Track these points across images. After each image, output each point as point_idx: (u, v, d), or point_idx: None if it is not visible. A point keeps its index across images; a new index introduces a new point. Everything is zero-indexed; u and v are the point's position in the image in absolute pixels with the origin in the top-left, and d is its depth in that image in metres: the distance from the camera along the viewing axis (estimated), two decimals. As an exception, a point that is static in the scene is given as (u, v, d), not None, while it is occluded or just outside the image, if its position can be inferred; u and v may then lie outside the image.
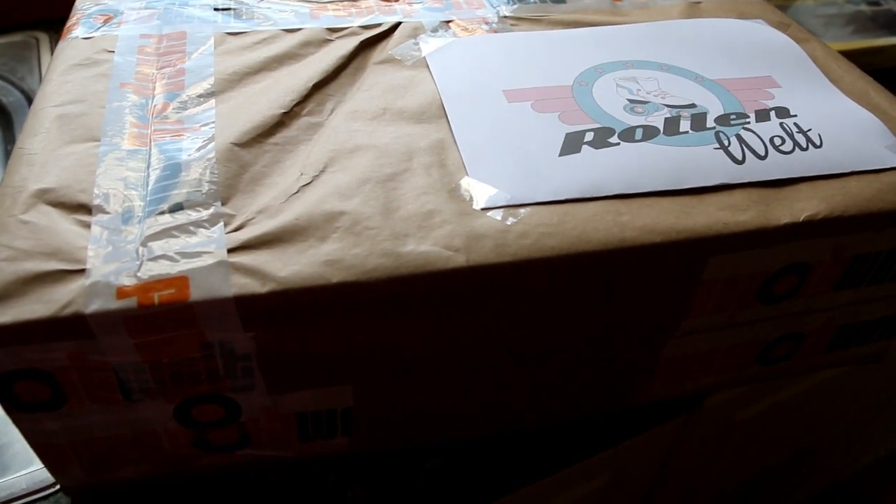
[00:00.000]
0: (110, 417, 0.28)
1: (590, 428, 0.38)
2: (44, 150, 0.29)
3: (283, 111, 0.32)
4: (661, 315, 0.31)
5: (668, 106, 0.34)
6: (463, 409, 0.33)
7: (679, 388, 0.36)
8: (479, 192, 0.29)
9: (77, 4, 0.40)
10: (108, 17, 0.38)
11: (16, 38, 0.59)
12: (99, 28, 0.38)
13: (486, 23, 0.40)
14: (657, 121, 0.33)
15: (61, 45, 0.36)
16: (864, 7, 0.66)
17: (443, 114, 0.33)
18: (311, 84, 0.34)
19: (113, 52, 0.35)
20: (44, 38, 0.58)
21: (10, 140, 0.52)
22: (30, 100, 0.53)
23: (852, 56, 0.60)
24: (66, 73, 0.34)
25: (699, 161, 0.31)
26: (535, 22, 0.41)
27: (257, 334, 0.26)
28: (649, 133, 0.32)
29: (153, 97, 0.33)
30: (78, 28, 0.38)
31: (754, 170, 0.31)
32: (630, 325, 0.31)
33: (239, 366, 0.27)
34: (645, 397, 0.36)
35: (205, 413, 0.29)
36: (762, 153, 0.32)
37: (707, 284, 0.30)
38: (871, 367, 0.65)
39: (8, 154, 0.52)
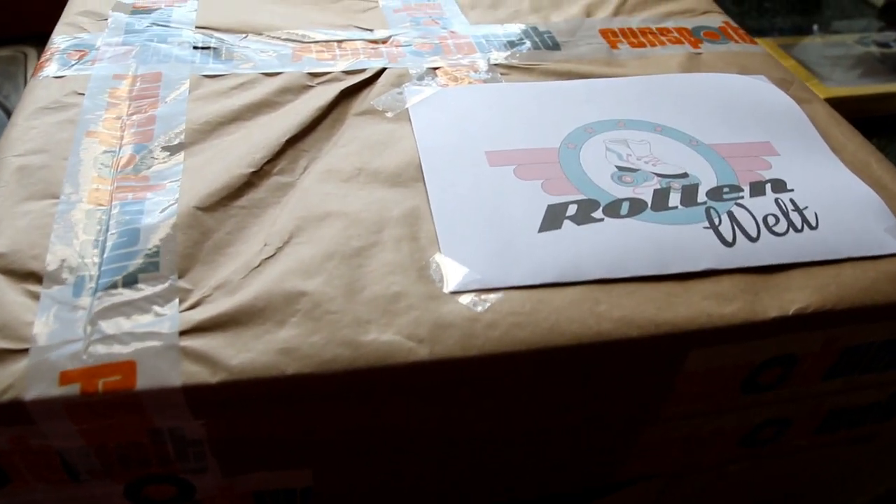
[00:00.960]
0: (57, 496, 0.27)
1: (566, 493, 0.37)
2: (0, 207, 0.28)
3: (252, 170, 0.31)
4: (638, 406, 0.30)
5: (659, 175, 0.33)
6: (430, 487, 0.32)
7: (659, 467, 0.35)
8: (451, 272, 0.27)
9: (53, 37, 0.39)
10: (83, 53, 0.37)
11: (3, 52, 0.57)
12: (73, 65, 0.36)
13: (476, 70, 0.39)
14: (646, 193, 0.32)
15: (32, 83, 0.35)
16: (873, 49, 0.64)
17: (420, 176, 0.32)
18: (284, 139, 0.32)
19: (83, 94, 0.34)
20: (32, 54, 0.57)
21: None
22: (13, 117, 0.52)
23: (858, 102, 0.59)
24: (32, 118, 0.33)
25: (687, 242, 0.30)
26: (527, 71, 0.40)
27: (208, 422, 0.25)
28: (636, 208, 0.31)
29: (120, 148, 0.31)
30: (51, 65, 0.36)
31: (744, 254, 0.30)
32: (604, 415, 0.30)
33: (190, 451, 0.26)
34: (623, 476, 0.35)
35: (158, 492, 0.28)
36: (754, 234, 0.30)
37: (687, 376, 0.29)
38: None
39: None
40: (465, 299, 0.27)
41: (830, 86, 0.62)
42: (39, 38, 0.59)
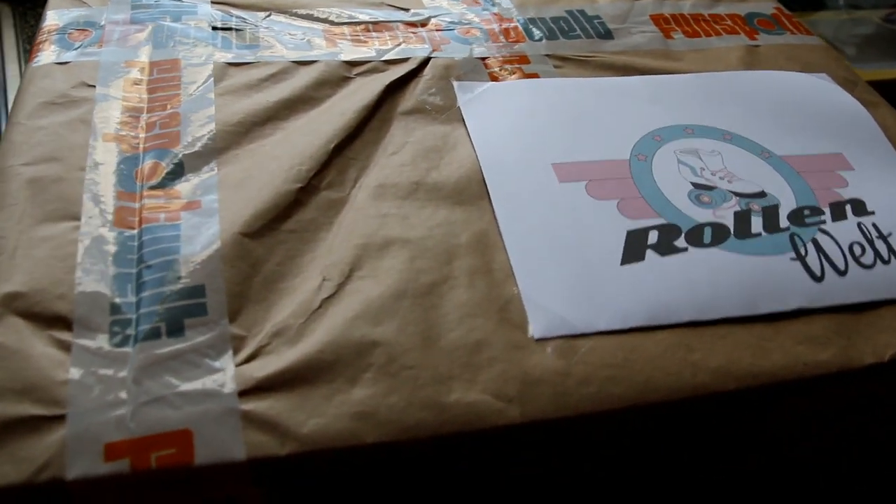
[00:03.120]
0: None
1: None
2: (13, 232, 0.24)
3: (299, 185, 0.27)
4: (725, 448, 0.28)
5: (737, 194, 0.30)
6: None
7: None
8: (534, 315, 0.25)
9: (47, 10, 0.34)
10: (86, 34, 0.32)
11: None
12: (76, 48, 0.32)
13: (527, 62, 0.35)
14: (727, 216, 0.29)
15: (31, 70, 0.31)
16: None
17: (484, 192, 0.29)
18: (330, 146, 0.29)
19: (93, 86, 0.30)
20: (6, 11, 0.51)
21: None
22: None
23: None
24: (37, 115, 0.28)
25: (775, 278, 0.27)
26: (582, 63, 0.36)
27: (269, 489, 0.22)
28: (719, 235, 0.28)
29: (143, 154, 0.27)
30: (50, 47, 0.31)
31: (834, 290, 0.27)
32: (693, 457, 0.28)
33: (245, 515, 0.23)
34: None
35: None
36: (841, 267, 0.28)
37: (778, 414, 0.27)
38: None
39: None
40: (551, 347, 0.24)
41: (858, 67, 0.59)
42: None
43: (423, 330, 0.24)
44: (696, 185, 0.31)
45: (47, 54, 0.31)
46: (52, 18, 0.33)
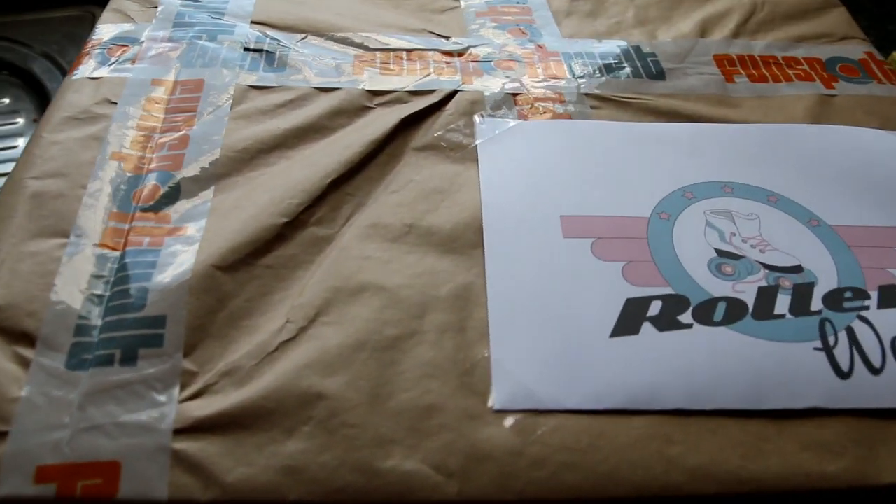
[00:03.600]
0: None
1: None
2: (5, 244, 0.25)
3: (285, 220, 0.27)
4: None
5: (767, 267, 0.27)
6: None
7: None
8: (499, 384, 0.23)
9: (98, 24, 0.35)
10: (125, 49, 0.34)
11: (72, 12, 0.55)
12: (111, 64, 0.33)
13: (562, 101, 0.33)
14: (748, 291, 0.26)
15: (66, 83, 0.32)
16: None
17: (480, 240, 0.27)
18: (327, 181, 0.28)
19: (115, 103, 0.31)
20: (100, 14, 0.54)
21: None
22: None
23: None
24: (57, 130, 0.29)
25: (791, 368, 0.24)
26: (623, 106, 0.34)
27: (195, 533, 0.22)
28: (734, 312, 0.25)
29: (145, 175, 0.28)
30: (89, 62, 0.33)
31: (861, 391, 0.24)
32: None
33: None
34: None
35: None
36: (877, 364, 0.25)
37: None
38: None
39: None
40: (509, 421, 0.22)
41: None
42: (107, -3, 0.56)
43: (374, 386, 0.22)
44: (719, 253, 0.28)
45: (84, 68, 0.32)
46: (100, 32, 0.35)
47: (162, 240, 0.26)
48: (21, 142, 0.46)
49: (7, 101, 0.49)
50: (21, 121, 0.48)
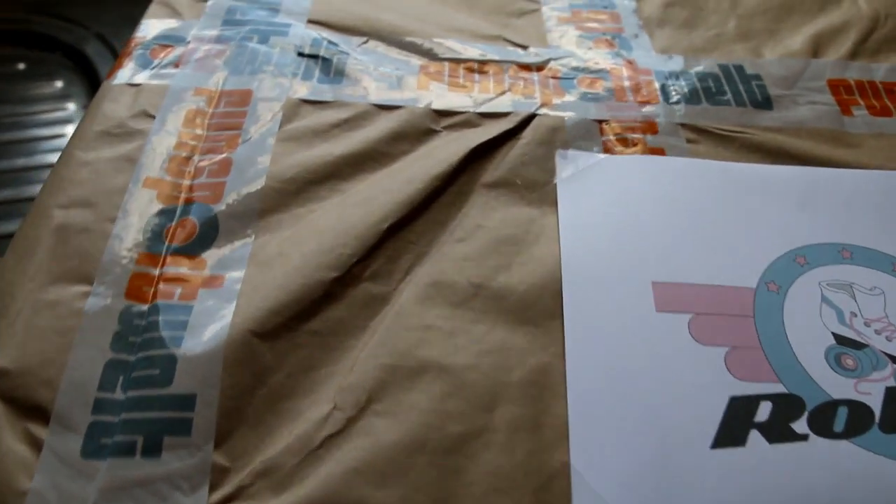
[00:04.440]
0: None
1: None
2: (23, 290, 0.22)
3: (335, 275, 0.23)
4: None
5: None
6: None
7: None
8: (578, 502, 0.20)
9: (143, 21, 0.32)
10: (168, 50, 0.30)
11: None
12: (152, 67, 0.29)
13: (654, 132, 0.29)
14: (874, 393, 0.22)
15: (103, 88, 0.28)
16: None
17: (558, 309, 0.23)
18: (384, 226, 0.24)
19: (153, 116, 0.27)
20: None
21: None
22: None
23: None
24: (90, 146, 0.26)
25: (927, 501, 0.20)
26: (723, 141, 0.29)
27: None
28: (857, 421, 0.21)
29: (180, 207, 0.25)
30: (129, 64, 0.29)
31: None
32: None
33: None
34: None
35: None
36: None
37: None
38: None
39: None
40: (590, 554, 0.19)
41: None
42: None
43: (434, 502, 0.19)
44: (838, 339, 0.23)
45: (124, 72, 0.29)
46: (144, 29, 0.31)
47: (195, 291, 0.23)
48: (69, 129, 0.43)
49: (60, 84, 0.46)
50: (72, 106, 0.45)
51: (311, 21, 0.32)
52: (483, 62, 0.31)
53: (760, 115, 0.30)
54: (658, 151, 0.28)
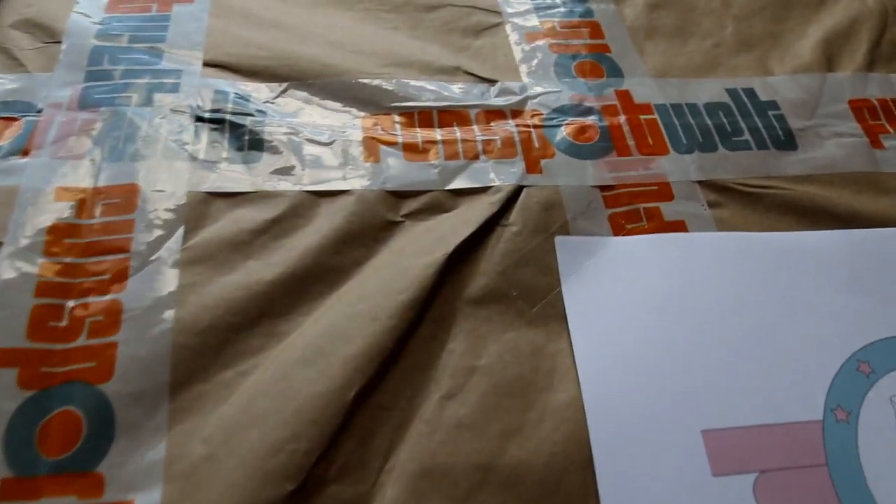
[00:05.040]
0: None
1: None
2: None
3: (291, 487, 0.17)
4: None
5: None
6: None
7: None
8: None
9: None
10: (12, 125, 0.21)
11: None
12: (-15, 157, 0.21)
13: (669, 198, 0.23)
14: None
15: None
16: None
17: (591, 489, 0.18)
18: (349, 395, 0.18)
19: (1, 243, 0.19)
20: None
21: None
22: None
23: None
24: None
25: None
26: (751, 200, 0.24)
27: None
28: None
29: (53, 391, 0.17)
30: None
31: None
32: None
33: None
34: None
35: None
36: None
37: None
38: None
39: None
40: None
41: None
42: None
43: None
44: (929, 482, 0.19)
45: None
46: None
47: (88, 542, 0.16)
48: None
49: None
50: None
51: (207, 63, 0.24)
52: (443, 109, 0.24)
53: (785, 158, 0.25)
54: (678, 225, 0.23)
